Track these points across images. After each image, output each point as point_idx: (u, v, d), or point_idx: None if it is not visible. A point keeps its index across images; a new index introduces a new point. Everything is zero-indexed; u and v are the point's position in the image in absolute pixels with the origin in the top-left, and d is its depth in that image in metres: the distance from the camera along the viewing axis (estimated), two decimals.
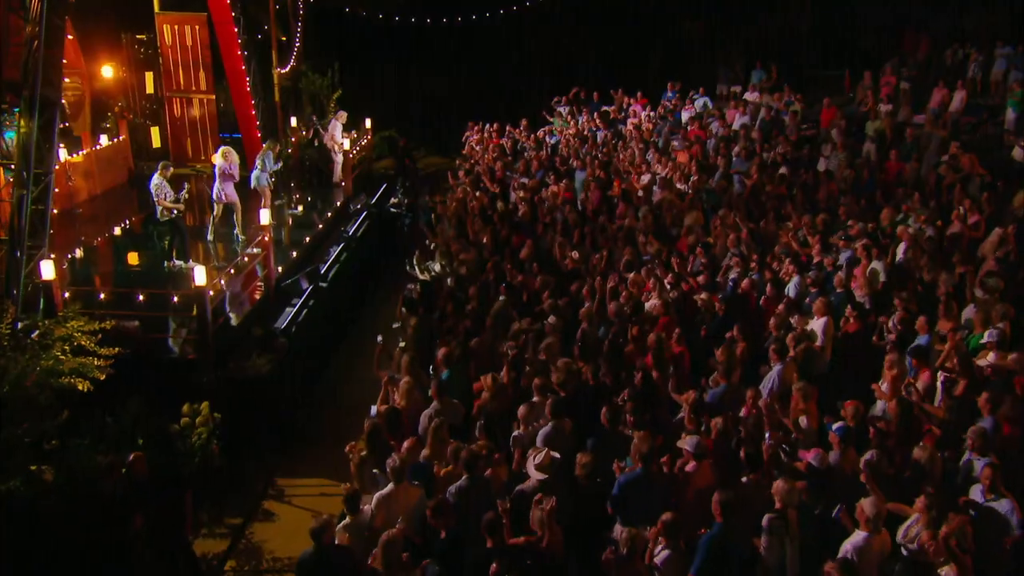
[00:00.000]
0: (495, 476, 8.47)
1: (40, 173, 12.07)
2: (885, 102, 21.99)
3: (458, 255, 14.06)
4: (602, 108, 25.06)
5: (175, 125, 20.80)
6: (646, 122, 23.59)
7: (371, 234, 18.39)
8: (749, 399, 9.48)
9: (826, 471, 8.19)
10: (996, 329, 10.48)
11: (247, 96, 19.51)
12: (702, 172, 18.32)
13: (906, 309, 11.48)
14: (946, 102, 21.63)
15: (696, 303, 12.41)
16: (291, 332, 12.83)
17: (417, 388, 9.96)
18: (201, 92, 20.51)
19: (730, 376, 9.96)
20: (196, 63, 20.25)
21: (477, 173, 19.63)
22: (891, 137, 19.77)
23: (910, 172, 17.64)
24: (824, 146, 19.96)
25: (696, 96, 24.68)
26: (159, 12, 19.99)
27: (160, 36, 20.13)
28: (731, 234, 14.52)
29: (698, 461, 8.27)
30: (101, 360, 10.11)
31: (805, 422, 9.13)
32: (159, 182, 14.10)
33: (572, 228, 15.45)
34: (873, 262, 12.96)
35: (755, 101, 23.37)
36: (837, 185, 16.99)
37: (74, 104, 20.45)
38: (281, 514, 10.78)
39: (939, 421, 9.42)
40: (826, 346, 11.24)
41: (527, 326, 11.32)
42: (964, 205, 15.02)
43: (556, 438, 8.96)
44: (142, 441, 10.25)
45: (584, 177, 18.76)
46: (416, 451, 8.58)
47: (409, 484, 8.08)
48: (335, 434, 11.05)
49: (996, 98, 22.66)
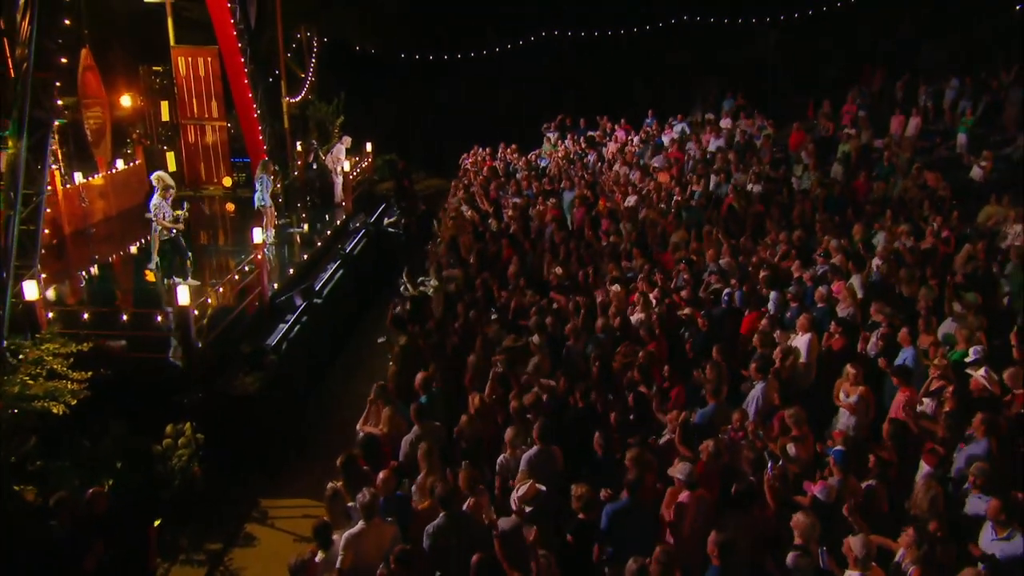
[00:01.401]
0: (477, 509, 6.93)
1: (30, 194, 10.57)
2: (849, 126, 20.85)
3: (446, 271, 12.56)
4: (587, 133, 23.68)
5: (189, 150, 19.55)
6: (629, 145, 22.21)
7: (369, 252, 16.79)
8: (736, 421, 7.95)
9: (833, 505, 6.65)
10: (980, 345, 8.99)
11: (255, 123, 18.09)
12: (682, 190, 16.92)
13: (890, 324, 9.98)
14: (903, 128, 20.53)
15: (681, 318, 10.89)
16: (281, 349, 11.22)
17: (400, 413, 8.39)
18: (214, 119, 19.32)
19: (718, 395, 8.43)
20: (209, 92, 19.11)
21: (472, 193, 18.14)
22: (855, 159, 18.46)
23: (878, 191, 16.29)
24: (796, 167, 18.63)
25: (675, 122, 23.59)
26: (174, 46, 18.79)
27: (175, 68, 18.98)
28: (711, 250, 13.07)
29: (691, 491, 6.75)
30: (74, 384, 8.57)
31: (794, 450, 7.58)
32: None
33: (558, 245, 13.96)
34: (852, 278, 11.47)
35: (728, 127, 22.07)
36: (811, 203, 15.54)
37: (96, 131, 19.21)
38: (263, 538, 9.08)
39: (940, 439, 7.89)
40: (811, 363, 9.71)
41: (512, 343, 9.80)
42: (936, 221, 13.61)
43: (543, 464, 7.43)
44: (120, 464, 8.70)
45: (572, 197, 17.32)
46: (391, 483, 7.01)
47: (382, 521, 6.53)
48: (326, 453, 9.33)
49: (947, 124, 21.50)
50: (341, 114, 22.51)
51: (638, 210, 16.13)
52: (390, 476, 7.01)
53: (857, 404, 8.53)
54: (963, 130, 20.03)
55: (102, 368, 9.12)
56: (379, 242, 17.20)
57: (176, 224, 12.60)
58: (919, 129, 20.68)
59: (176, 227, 12.60)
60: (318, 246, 15.38)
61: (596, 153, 22.00)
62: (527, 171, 20.14)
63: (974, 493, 6.98)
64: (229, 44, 17.41)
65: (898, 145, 18.57)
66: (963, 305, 10.55)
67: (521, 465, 7.38)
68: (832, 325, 10.16)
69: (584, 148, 22.40)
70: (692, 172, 18.74)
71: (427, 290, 12.16)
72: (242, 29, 17.62)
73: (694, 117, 25.25)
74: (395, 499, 6.99)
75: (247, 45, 17.72)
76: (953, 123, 21.16)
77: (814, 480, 7.36)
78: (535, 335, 9.84)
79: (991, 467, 7.01)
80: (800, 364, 9.54)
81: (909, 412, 8.16)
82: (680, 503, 6.76)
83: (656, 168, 19.55)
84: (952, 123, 21.26)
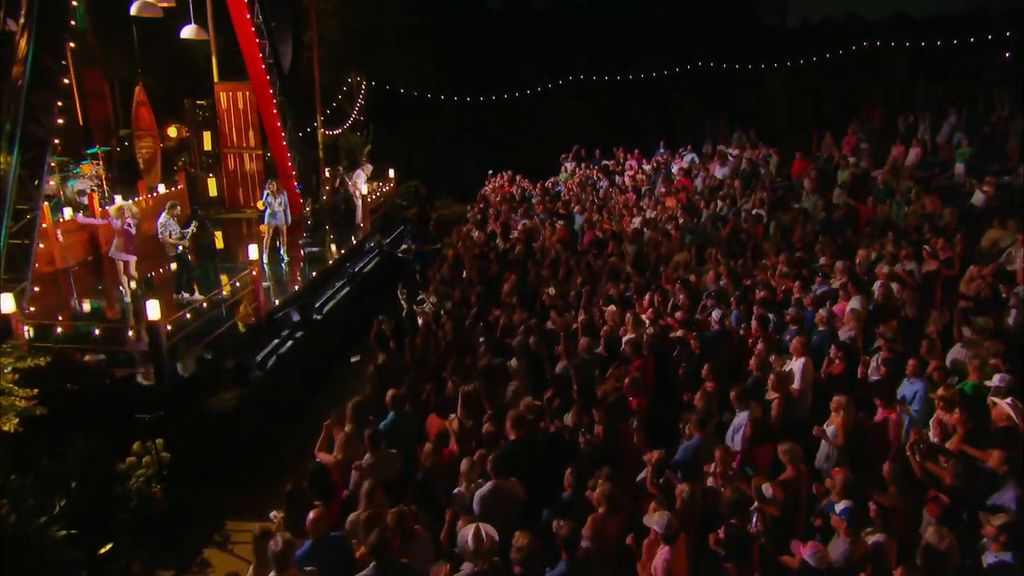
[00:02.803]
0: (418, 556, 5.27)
1: (24, 209, 9.31)
2: (850, 155, 18.87)
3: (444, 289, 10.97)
4: (602, 162, 22.01)
5: (229, 176, 18.45)
6: (640, 173, 20.47)
7: (378, 272, 15.21)
8: (718, 458, 6.10)
9: (827, 572, 4.82)
10: (1005, 373, 7.06)
11: (283, 150, 16.96)
12: (687, 214, 15.14)
13: (891, 349, 8.11)
14: (903, 157, 18.45)
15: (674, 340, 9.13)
16: (267, 365, 9.69)
17: (358, 438, 6.77)
18: (251, 148, 18.19)
19: (704, 427, 6.61)
20: (247, 124, 18.02)
21: (486, 216, 16.62)
22: (851, 184, 16.47)
23: (879, 214, 14.30)
24: (802, 192, 16.72)
25: (685, 152, 21.76)
26: (218, 82, 17.88)
27: (217, 101, 18.02)
28: (710, 272, 11.31)
29: (670, 545, 4.98)
30: (22, 401, 7.15)
31: (771, 491, 5.74)
32: (166, 220, 11.31)
33: (559, 265, 12.28)
34: (852, 299, 9.60)
35: (736, 155, 20.22)
36: (813, 225, 13.65)
37: (148, 160, 18.34)
38: (219, 564, 7.40)
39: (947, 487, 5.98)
40: (806, 390, 7.86)
41: (490, 362, 8.13)
42: (936, 243, 11.63)
43: (498, 502, 5.75)
44: (75, 483, 7.24)
45: (582, 220, 15.69)
46: (324, 524, 5.38)
47: (299, 572, 4.90)
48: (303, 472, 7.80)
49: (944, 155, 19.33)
50: (369, 143, 21.36)
51: (642, 232, 14.41)
52: (322, 516, 5.37)
53: (834, 436, 6.69)
54: (961, 160, 17.82)
55: (68, 383, 7.69)
56: (389, 263, 15.60)
57: (182, 241, 11.28)
58: (919, 159, 18.59)
59: (182, 243, 11.28)
60: (328, 264, 13.88)
61: (608, 180, 20.32)
62: (542, 196, 18.56)
63: (993, 550, 5.12)
64: (259, 79, 16.52)
65: (895, 172, 16.46)
66: (974, 330, 8.62)
67: (473, 506, 5.72)
68: (832, 349, 8.33)
69: (598, 175, 20.75)
70: (699, 197, 16.99)
71: (422, 308, 10.56)
72: (271, 64, 16.74)
73: (704, 149, 23.51)
74: (329, 542, 5.37)
75: (276, 79, 16.65)
76: (949, 154, 19.06)
77: (801, 524, 5.57)
78: (513, 360, 8.15)
79: (1019, 520, 5.16)
80: (793, 390, 7.69)
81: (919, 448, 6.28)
82: (661, 560, 4.98)
83: (664, 193, 17.84)
84: (948, 155, 19.15)
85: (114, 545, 7.12)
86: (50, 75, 9.56)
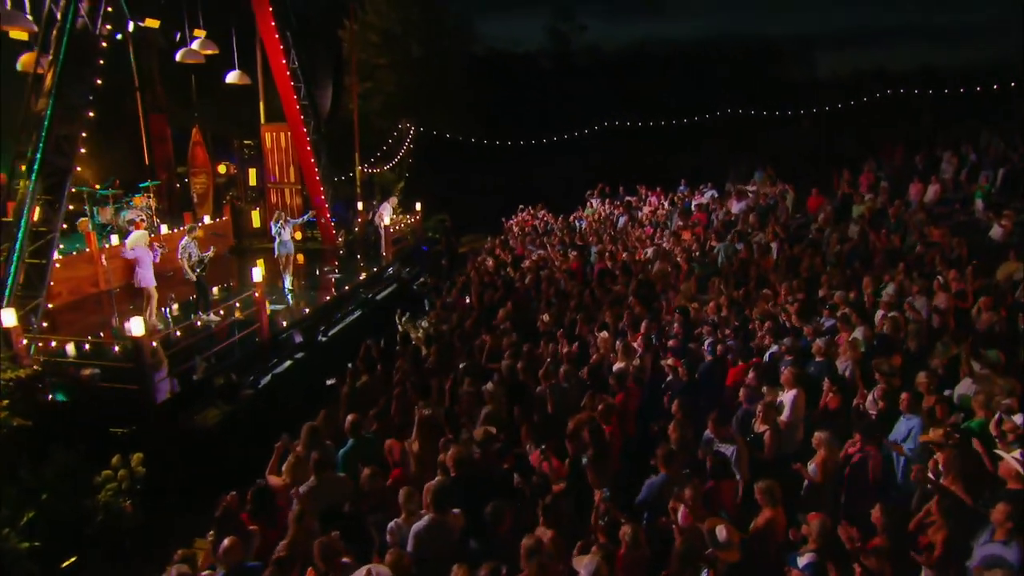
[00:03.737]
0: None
1: (43, 231, 9.01)
2: (867, 191, 17.49)
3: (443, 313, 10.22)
4: (625, 199, 21.08)
5: (272, 209, 18.19)
6: (660, 209, 19.47)
7: (392, 299, 14.53)
8: (687, 497, 5.08)
9: None
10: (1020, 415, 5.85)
11: (317, 184, 16.66)
12: (700, 246, 14.10)
13: (888, 383, 6.95)
14: (921, 195, 16.98)
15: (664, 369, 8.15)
16: (259, 384, 9.05)
17: (308, 461, 5.98)
18: (291, 183, 18.09)
19: (671, 464, 5.60)
20: (288, 161, 17.97)
21: (505, 246, 15.89)
22: (869, 218, 15.14)
23: (890, 245, 12.99)
24: (812, 226, 15.48)
25: (705, 189, 20.58)
26: (264, 124, 17.90)
27: (262, 141, 18.08)
28: (712, 302, 10.28)
29: None
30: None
31: (724, 533, 4.69)
32: (186, 243, 10.95)
33: (567, 295, 11.38)
34: (855, 331, 8.45)
35: (754, 191, 19.07)
36: (823, 258, 12.45)
37: (202, 195, 18.38)
38: None
39: None
40: (796, 423, 6.77)
41: (467, 387, 7.31)
42: (949, 275, 10.33)
43: (435, 539, 4.88)
44: (46, 496, 6.66)
45: (596, 251, 14.79)
46: (237, 552, 4.61)
47: None
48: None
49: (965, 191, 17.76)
50: (403, 180, 21.04)
51: (652, 262, 13.42)
52: (236, 545, 4.61)
53: (814, 473, 5.60)
54: (980, 196, 16.33)
55: (49, 395, 7.20)
56: (406, 292, 14.91)
57: (200, 264, 10.89)
58: (938, 196, 17.10)
59: (200, 267, 10.89)
60: (345, 290, 13.30)
61: (628, 215, 19.38)
62: (561, 229, 17.75)
63: None
64: (294, 119, 16.44)
65: (907, 206, 15.11)
66: (983, 364, 7.37)
67: (408, 543, 4.86)
68: (826, 382, 7.22)
69: (619, 210, 19.82)
70: (713, 230, 15.91)
71: (417, 332, 9.82)
72: (305, 106, 16.56)
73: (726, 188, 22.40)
74: (243, 572, 4.60)
75: (311, 119, 16.49)
76: (969, 191, 17.50)
77: None
78: (488, 383, 7.31)
79: None
80: (780, 423, 6.62)
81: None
82: None
83: (680, 227, 16.81)
84: (968, 191, 17.60)
85: (80, 559, 6.49)
86: (77, 109, 9.33)
